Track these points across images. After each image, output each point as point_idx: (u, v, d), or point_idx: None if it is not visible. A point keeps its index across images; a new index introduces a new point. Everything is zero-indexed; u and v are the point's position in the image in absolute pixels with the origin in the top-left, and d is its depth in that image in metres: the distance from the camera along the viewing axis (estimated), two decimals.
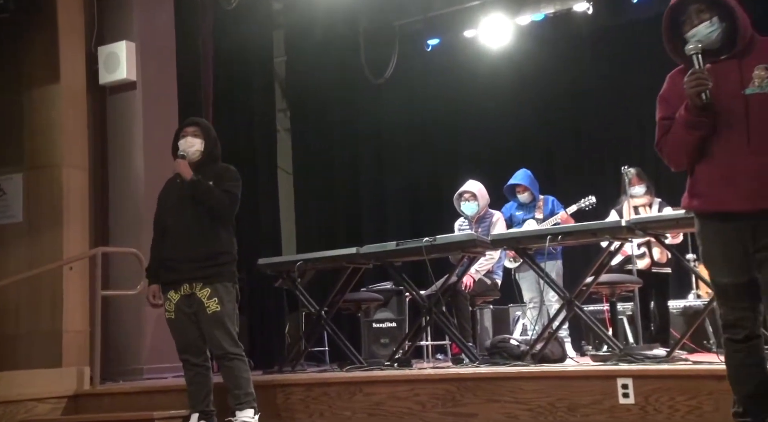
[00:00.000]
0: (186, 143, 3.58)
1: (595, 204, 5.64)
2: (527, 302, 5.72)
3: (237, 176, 3.61)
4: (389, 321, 6.08)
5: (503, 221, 5.48)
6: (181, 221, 3.50)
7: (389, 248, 4.73)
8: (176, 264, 3.47)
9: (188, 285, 3.46)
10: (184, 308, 3.48)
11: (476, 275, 5.24)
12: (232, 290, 3.49)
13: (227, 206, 3.50)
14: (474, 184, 5.52)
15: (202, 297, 3.43)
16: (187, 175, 3.49)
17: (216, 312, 3.42)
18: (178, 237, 3.49)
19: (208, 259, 3.44)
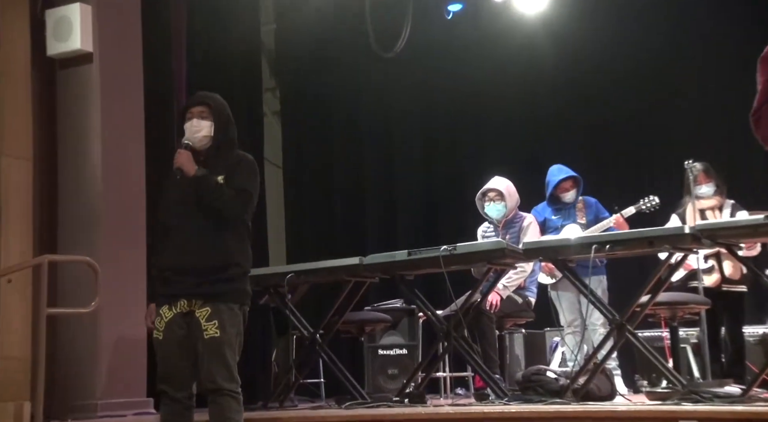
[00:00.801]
0: (191, 128, 3.53)
1: (658, 206, 5.63)
2: (567, 326, 5.73)
3: (255, 169, 3.57)
4: (399, 347, 6.08)
5: (536, 226, 5.49)
6: (183, 224, 3.49)
7: (399, 259, 4.75)
8: (174, 276, 3.46)
9: (186, 302, 3.45)
10: (176, 328, 3.47)
11: (504, 292, 5.25)
12: (237, 314, 3.47)
13: (238, 208, 3.47)
14: (500, 181, 5.52)
15: (200, 318, 3.42)
16: (189, 170, 3.45)
17: (214, 338, 3.39)
18: (179, 244, 3.47)
19: (212, 272, 3.42)
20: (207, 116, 3.56)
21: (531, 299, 5.43)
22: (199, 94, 3.70)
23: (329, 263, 5.02)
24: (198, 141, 3.54)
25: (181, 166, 3.47)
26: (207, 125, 3.55)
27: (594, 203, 5.81)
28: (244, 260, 3.52)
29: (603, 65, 7.53)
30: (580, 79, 7.65)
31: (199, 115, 3.55)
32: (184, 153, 3.49)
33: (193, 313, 3.44)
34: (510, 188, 5.49)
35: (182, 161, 3.47)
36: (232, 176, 3.49)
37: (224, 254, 3.46)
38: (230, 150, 3.58)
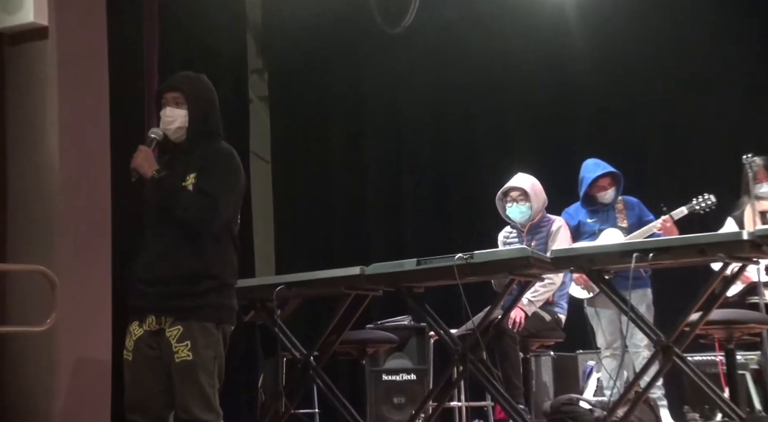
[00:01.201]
0: (164, 117, 3.53)
1: (715, 205, 5.62)
2: (605, 348, 5.71)
3: (232, 166, 3.53)
4: (406, 371, 6.10)
5: (567, 231, 5.51)
6: (157, 228, 3.51)
7: (407, 268, 4.72)
8: (143, 287, 3.48)
9: (154, 318, 3.46)
10: (146, 349, 3.47)
11: (530, 308, 5.25)
12: (214, 333, 3.45)
13: (203, 218, 3.42)
14: (525, 178, 5.52)
15: (170, 337, 3.43)
16: (146, 171, 3.44)
17: (186, 362, 3.40)
18: (151, 250, 3.50)
19: (182, 284, 3.42)
20: (181, 103, 3.52)
21: (561, 317, 5.43)
22: (173, 76, 3.67)
23: (325, 273, 5.02)
24: (172, 133, 3.51)
25: (138, 166, 3.45)
26: (181, 113, 3.52)
27: (637, 203, 5.80)
28: (222, 271, 3.49)
29: (644, 40, 7.50)
30: (617, 56, 7.65)
31: (172, 102, 3.53)
32: (143, 151, 3.47)
33: (163, 332, 3.43)
34: (536, 187, 5.48)
35: (139, 161, 3.46)
36: (202, 175, 3.46)
37: (198, 264, 3.43)
38: (209, 143, 3.54)
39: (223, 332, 3.49)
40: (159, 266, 3.44)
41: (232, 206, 3.50)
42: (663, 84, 7.50)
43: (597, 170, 5.73)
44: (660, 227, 5.52)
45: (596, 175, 5.72)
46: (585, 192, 5.76)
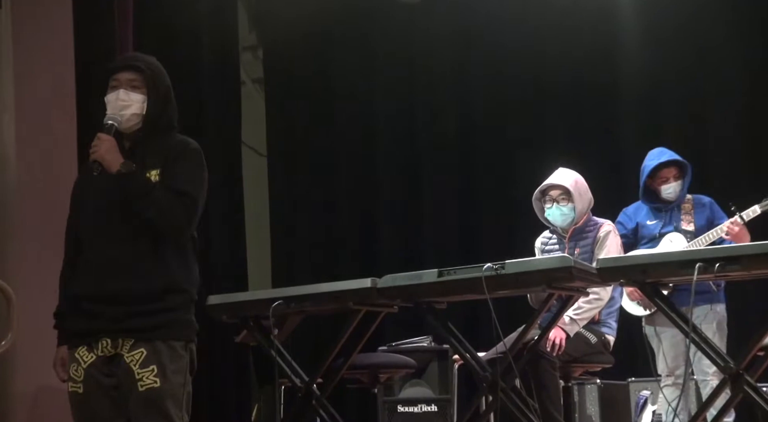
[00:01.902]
0: (117, 101, 3.52)
1: None
2: (666, 376, 5.71)
3: (200, 159, 3.57)
4: (426, 402, 6.20)
5: (617, 237, 5.49)
6: (104, 237, 3.49)
7: (427, 281, 4.69)
8: (92, 306, 3.46)
9: (110, 341, 3.45)
10: (99, 377, 3.46)
11: (572, 328, 5.23)
12: (182, 355, 3.49)
13: (179, 218, 3.47)
14: (566, 174, 5.50)
15: (131, 363, 3.42)
16: (111, 164, 3.43)
17: (152, 390, 3.40)
18: (100, 263, 3.48)
19: (146, 300, 3.44)
20: (138, 86, 3.54)
21: (609, 338, 5.41)
22: (128, 55, 3.77)
23: (330, 286, 4.98)
24: (124, 120, 3.51)
25: (101, 158, 3.42)
26: (138, 98, 3.53)
27: (708, 203, 5.82)
28: (189, 283, 3.54)
29: (709, 17, 7.48)
30: (675, 34, 7.61)
31: (128, 84, 3.53)
32: (106, 140, 3.45)
33: (122, 357, 3.43)
34: (580, 184, 5.46)
35: (103, 151, 3.43)
36: (170, 170, 3.47)
37: (163, 277, 3.46)
38: (169, 133, 3.59)
39: (191, 353, 3.52)
40: (115, 280, 3.43)
41: (203, 206, 3.55)
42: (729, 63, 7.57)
43: (661, 158, 5.72)
44: (728, 231, 5.50)
45: (658, 162, 5.71)
46: (645, 184, 5.75)
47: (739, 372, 4.14)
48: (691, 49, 7.69)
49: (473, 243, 7.95)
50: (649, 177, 5.75)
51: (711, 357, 4.46)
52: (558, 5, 7.78)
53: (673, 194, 5.75)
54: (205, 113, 7.80)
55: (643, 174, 5.77)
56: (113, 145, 3.44)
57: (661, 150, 5.82)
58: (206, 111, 7.81)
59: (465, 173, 8.31)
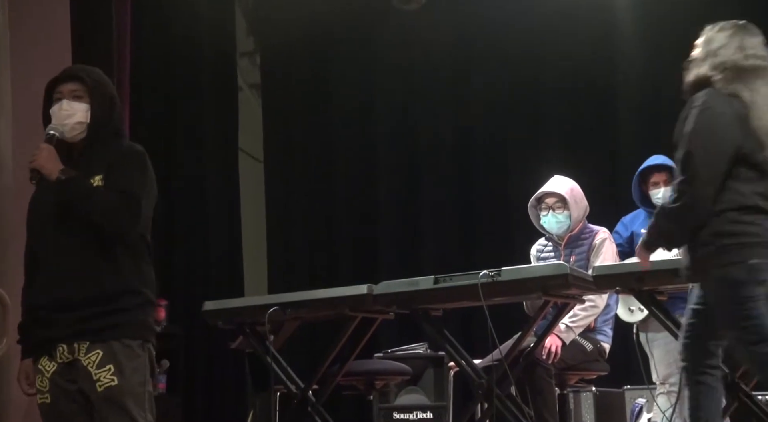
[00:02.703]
0: (60, 112, 3.56)
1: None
2: (661, 383, 5.65)
3: (144, 162, 3.58)
4: (422, 409, 6.15)
5: (612, 245, 5.47)
6: (56, 243, 3.50)
7: (423, 287, 4.72)
8: (48, 315, 3.46)
9: (66, 347, 3.44)
10: (63, 384, 3.45)
11: (568, 336, 5.21)
12: (140, 354, 3.48)
13: (124, 220, 3.47)
14: (562, 182, 5.49)
15: (88, 365, 3.42)
16: (50, 171, 3.45)
17: (111, 388, 3.40)
18: (52, 272, 3.49)
19: (98, 303, 3.44)
20: (81, 96, 3.57)
21: (605, 346, 5.40)
22: (70, 67, 3.73)
23: (326, 292, 5.00)
24: (69, 130, 3.54)
25: (41, 166, 3.44)
26: (81, 108, 3.55)
27: None
28: (142, 285, 3.53)
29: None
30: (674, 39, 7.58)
31: (70, 94, 3.56)
32: (45, 148, 3.46)
33: (79, 362, 3.42)
34: (576, 192, 5.45)
35: (42, 160, 3.44)
36: (112, 174, 3.49)
37: (114, 281, 3.45)
38: (113, 142, 3.60)
39: (149, 353, 3.51)
40: (66, 287, 3.43)
41: (150, 206, 3.54)
42: None
43: (652, 161, 5.71)
44: None
45: (648, 164, 5.69)
46: (639, 188, 5.74)
47: (734, 380, 4.16)
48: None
49: (470, 250, 7.93)
50: (642, 180, 5.76)
51: None
52: (556, 11, 7.77)
53: (662, 200, 5.74)
54: (202, 118, 7.79)
55: (636, 177, 5.79)
56: (52, 153, 3.46)
57: (656, 156, 5.81)
58: (203, 117, 7.80)
59: (462, 180, 8.27)
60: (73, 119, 3.53)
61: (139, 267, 3.53)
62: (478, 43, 8.15)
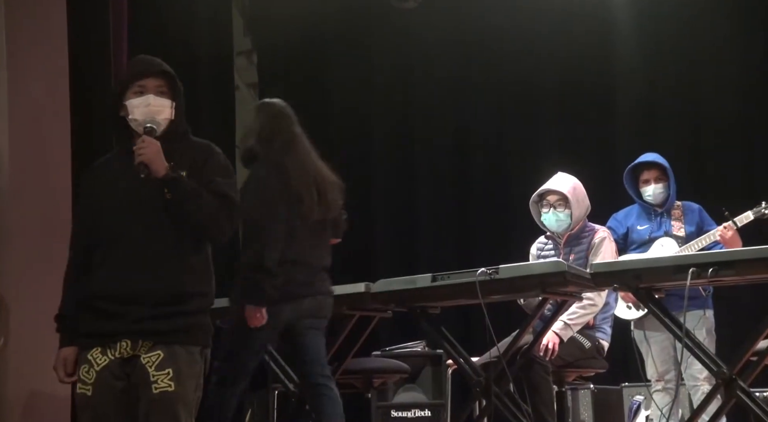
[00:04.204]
0: (148, 106, 3.52)
1: None
2: (656, 381, 5.70)
3: (230, 165, 3.62)
4: (420, 407, 6.17)
5: (612, 244, 5.49)
6: (129, 237, 3.47)
7: (421, 285, 4.73)
8: (113, 306, 3.44)
9: (129, 343, 3.42)
10: (112, 380, 3.43)
11: (566, 333, 5.22)
12: (198, 360, 3.49)
13: (224, 219, 3.48)
14: (565, 180, 5.49)
15: (148, 365, 3.40)
16: (159, 168, 3.41)
17: (167, 393, 3.38)
18: (123, 263, 3.45)
19: (168, 302, 3.43)
20: (165, 92, 3.55)
21: (603, 343, 5.40)
22: (152, 61, 3.65)
23: None
24: (158, 125, 3.51)
25: (150, 161, 3.40)
26: (167, 104, 3.54)
27: (697, 210, 5.82)
28: (210, 287, 3.54)
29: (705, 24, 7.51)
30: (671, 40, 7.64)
31: (155, 90, 3.53)
32: (152, 143, 3.42)
33: (138, 358, 3.40)
34: (578, 191, 5.45)
35: (152, 155, 3.40)
36: (200, 174, 3.48)
37: (186, 279, 3.45)
38: (184, 138, 3.61)
39: (205, 359, 3.51)
40: (138, 281, 3.41)
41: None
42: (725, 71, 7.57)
43: (643, 158, 5.75)
44: (720, 235, 5.52)
45: (638, 161, 5.74)
46: (632, 184, 5.80)
47: (732, 377, 4.15)
48: (687, 55, 7.67)
49: (467, 248, 7.93)
50: (633, 177, 5.79)
51: (704, 362, 4.47)
52: (554, 12, 7.78)
53: (652, 197, 5.76)
54: (199, 117, 7.77)
55: (627, 173, 5.82)
56: (159, 148, 3.42)
57: (648, 154, 5.84)
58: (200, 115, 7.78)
59: (460, 178, 8.28)
60: (161, 115, 3.51)
61: (206, 267, 3.54)
62: (476, 42, 8.16)
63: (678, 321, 4.38)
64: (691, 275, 4.11)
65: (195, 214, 3.42)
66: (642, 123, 7.73)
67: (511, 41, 7.96)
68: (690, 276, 4.11)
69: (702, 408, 4.45)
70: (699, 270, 4.12)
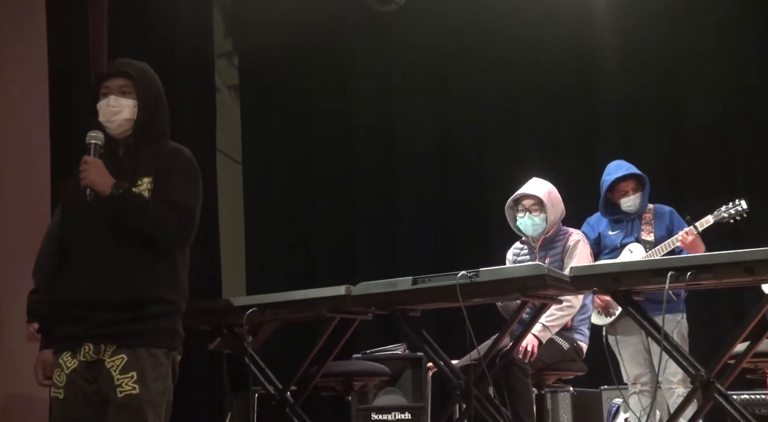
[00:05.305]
0: (107, 108, 3.54)
1: (746, 213, 5.65)
2: (631, 384, 5.74)
3: (195, 170, 3.59)
4: (400, 409, 6.20)
5: (586, 246, 5.52)
6: (92, 245, 3.50)
7: (401, 288, 4.70)
8: (78, 312, 3.46)
9: (92, 346, 3.45)
10: (81, 383, 3.46)
11: (544, 335, 5.23)
12: (164, 362, 3.50)
13: (176, 229, 3.49)
14: (540, 185, 5.52)
15: (111, 368, 3.42)
16: (103, 188, 3.43)
17: (132, 396, 3.41)
18: (87, 270, 3.49)
19: (131, 308, 3.45)
20: (129, 92, 3.56)
21: (582, 345, 5.42)
22: (118, 61, 3.69)
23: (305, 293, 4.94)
24: (115, 127, 3.53)
25: (92, 183, 3.43)
26: (129, 104, 3.55)
27: (668, 213, 5.86)
28: (175, 294, 3.54)
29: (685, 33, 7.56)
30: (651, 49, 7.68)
31: (117, 90, 3.55)
32: (94, 163, 3.44)
33: (103, 363, 3.42)
34: (553, 195, 5.47)
35: (93, 176, 3.42)
36: (163, 182, 3.47)
37: (149, 285, 3.46)
38: (159, 142, 3.59)
39: (173, 362, 3.53)
40: (101, 287, 3.44)
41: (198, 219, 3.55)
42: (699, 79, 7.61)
43: (618, 172, 5.76)
44: (681, 240, 5.55)
45: (616, 176, 5.75)
46: (605, 198, 5.80)
47: (710, 380, 4.15)
48: (666, 64, 7.71)
49: (448, 252, 7.94)
50: (609, 191, 5.80)
51: (682, 365, 4.48)
52: (534, 15, 7.81)
53: (633, 207, 5.80)
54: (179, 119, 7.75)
55: (602, 188, 5.81)
56: (100, 167, 3.43)
57: (619, 164, 5.86)
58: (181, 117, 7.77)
59: (440, 182, 8.29)
60: (120, 116, 3.52)
61: (173, 274, 3.54)
62: (456, 47, 8.19)
63: (657, 323, 4.39)
64: (669, 278, 4.11)
65: (144, 226, 3.42)
66: (622, 129, 7.76)
67: (492, 47, 7.99)
68: (669, 280, 4.11)
69: (679, 411, 4.43)
70: (677, 274, 4.11)
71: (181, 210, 3.46)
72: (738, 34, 7.52)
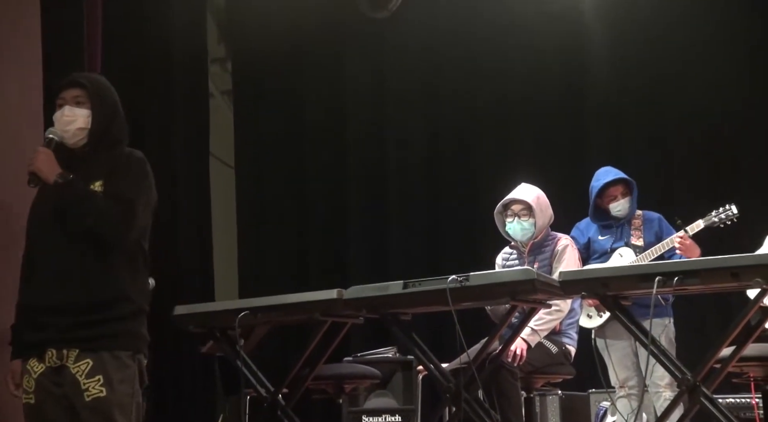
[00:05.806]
0: (62, 118, 3.57)
1: (737, 218, 5.66)
2: (619, 387, 5.74)
3: (142, 168, 3.59)
4: (390, 412, 6.18)
5: (574, 251, 5.56)
6: (51, 248, 3.51)
7: (392, 292, 4.69)
8: (42, 318, 3.46)
9: (55, 352, 3.45)
10: (49, 386, 3.45)
11: (533, 339, 5.26)
12: (130, 365, 3.49)
13: (119, 226, 3.47)
14: (528, 190, 5.55)
15: (77, 374, 3.42)
16: (48, 175, 3.46)
17: (99, 399, 3.40)
18: (47, 275, 3.49)
19: (90, 310, 3.44)
20: (83, 102, 3.59)
21: (570, 349, 5.46)
22: (74, 74, 3.72)
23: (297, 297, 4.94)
24: (71, 136, 3.55)
25: (38, 170, 3.45)
26: (82, 113, 3.57)
27: (657, 219, 5.87)
28: (137, 294, 3.54)
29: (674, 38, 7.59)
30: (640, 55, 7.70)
31: (72, 100, 3.58)
32: (43, 152, 3.47)
33: (67, 369, 3.42)
34: (541, 201, 5.51)
35: (39, 163, 3.45)
36: (111, 181, 3.49)
37: (109, 286, 3.46)
38: (113, 148, 3.61)
39: (139, 364, 3.51)
40: (60, 291, 3.44)
41: (149, 214, 3.55)
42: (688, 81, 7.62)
43: (607, 177, 5.79)
44: (679, 244, 5.56)
45: (605, 181, 5.77)
46: (594, 203, 5.81)
47: (696, 384, 4.16)
48: (656, 70, 7.71)
49: (438, 256, 7.93)
50: (598, 197, 5.82)
51: (669, 369, 4.50)
52: (525, 19, 7.81)
53: (622, 211, 5.81)
54: (173, 124, 7.77)
55: (591, 194, 5.82)
56: (49, 157, 3.46)
57: (607, 170, 5.87)
58: (174, 122, 7.79)
59: (431, 187, 8.29)
60: (74, 125, 3.54)
61: (134, 275, 3.53)
62: (448, 53, 8.17)
63: (644, 328, 4.41)
64: (657, 283, 4.12)
65: (87, 216, 3.42)
66: (611, 132, 7.77)
67: (483, 53, 7.98)
68: (656, 285, 4.13)
69: (666, 414, 4.43)
70: (665, 279, 4.12)
71: (122, 202, 3.44)
72: (728, 40, 7.54)
